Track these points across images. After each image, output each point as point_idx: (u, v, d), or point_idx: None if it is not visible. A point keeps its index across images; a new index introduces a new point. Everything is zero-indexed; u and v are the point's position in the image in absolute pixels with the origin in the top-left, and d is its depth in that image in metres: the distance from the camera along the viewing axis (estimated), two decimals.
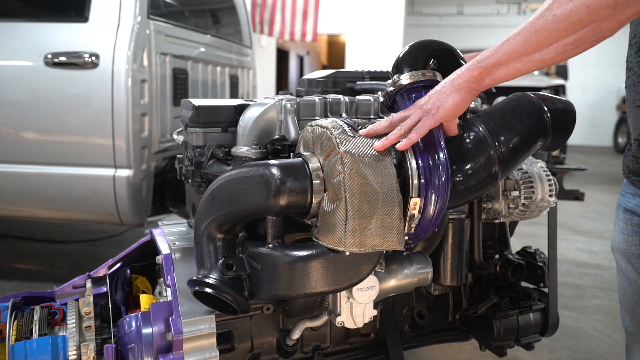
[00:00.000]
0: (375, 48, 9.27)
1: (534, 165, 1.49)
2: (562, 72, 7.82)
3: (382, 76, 1.45)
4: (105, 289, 1.37)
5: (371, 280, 1.24)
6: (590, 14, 0.76)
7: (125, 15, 2.33)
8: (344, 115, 1.29)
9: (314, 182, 1.00)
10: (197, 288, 1.05)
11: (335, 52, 15.30)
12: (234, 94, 3.52)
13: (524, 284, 1.68)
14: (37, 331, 1.17)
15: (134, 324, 1.18)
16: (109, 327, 1.22)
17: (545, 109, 1.19)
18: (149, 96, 2.43)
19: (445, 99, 0.94)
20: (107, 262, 1.40)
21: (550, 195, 1.46)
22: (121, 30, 2.31)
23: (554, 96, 1.25)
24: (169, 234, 1.36)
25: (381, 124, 1.00)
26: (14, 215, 2.65)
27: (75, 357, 1.14)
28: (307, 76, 1.47)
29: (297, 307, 1.28)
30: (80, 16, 2.36)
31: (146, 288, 1.43)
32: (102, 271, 1.39)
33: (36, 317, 1.20)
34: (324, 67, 14.98)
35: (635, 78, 1.01)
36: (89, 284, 1.31)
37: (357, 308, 1.26)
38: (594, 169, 7.66)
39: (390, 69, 1.14)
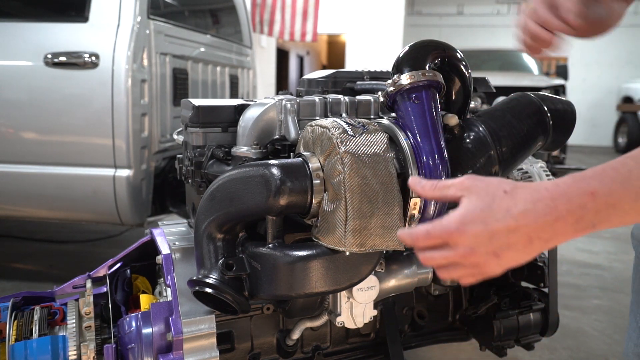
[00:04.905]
0: (375, 48, 9.27)
1: (534, 165, 1.49)
2: (562, 72, 7.81)
3: (382, 76, 1.45)
4: (105, 289, 1.37)
5: (371, 280, 1.24)
6: None
7: (125, 15, 2.33)
8: (344, 115, 1.29)
9: (314, 182, 1.00)
10: (197, 288, 1.05)
11: (335, 52, 15.30)
12: (234, 94, 3.52)
13: (524, 284, 1.68)
14: (37, 331, 1.17)
15: (134, 324, 1.18)
16: (109, 327, 1.22)
17: (546, 109, 1.19)
18: (149, 96, 2.43)
19: (510, 253, 0.57)
20: (107, 262, 1.40)
21: None
22: (121, 30, 2.31)
23: (554, 96, 1.25)
24: (169, 234, 1.36)
25: (420, 232, 0.62)
26: (14, 215, 2.65)
27: (75, 357, 1.14)
28: (307, 76, 1.47)
29: (297, 307, 1.28)
30: (80, 16, 2.35)
31: (146, 288, 1.43)
32: (102, 271, 1.39)
33: (36, 317, 1.20)
34: (324, 67, 14.99)
35: None
36: (89, 284, 1.31)
37: (357, 308, 1.26)
38: None
39: (390, 69, 1.14)
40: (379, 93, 1.12)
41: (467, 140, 1.11)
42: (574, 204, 0.54)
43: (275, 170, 0.99)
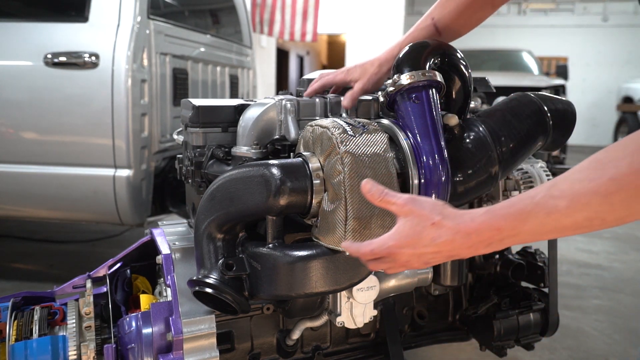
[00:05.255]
0: (375, 48, 9.26)
1: (534, 165, 1.49)
2: (562, 72, 7.81)
3: None
4: (105, 289, 1.37)
5: (371, 280, 1.24)
6: None
7: (125, 15, 2.33)
8: (344, 115, 1.29)
9: (314, 182, 1.00)
10: (197, 288, 1.04)
11: (335, 52, 15.29)
12: (234, 94, 3.52)
13: (524, 284, 1.68)
14: (37, 331, 1.17)
15: (134, 324, 1.18)
16: (109, 327, 1.22)
17: (546, 109, 1.19)
18: (149, 96, 2.43)
19: (429, 261, 0.77)
20: (107, 262, 1.40)
21: None
22: (121, 30, 2.31)
23: (554, 96, 1.25)
24: (169, 234, 1.36)
25: (366, 250, 0.80)
26: (14, 215, 2.65)
27: (75, 357, 1.14)
28: (307, 76, 1.47)
29: (297, 307, 1.28)
30: (80, 16, 2.36)
31: (146, 288, 1.43)
32: (102, 271, 1.39)
33: (36, 317, 1.20)
34: (324, 67, 14.98)
35: None
36: (89, 284, 1.31)
37: (357, 308, 1.26)
38: None
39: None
40: (379, 93, 1.12)
41: (467, 140, 1.11)
42: (484, 236, 0.70)
43: (275, 170, 0.99)
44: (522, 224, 0.67)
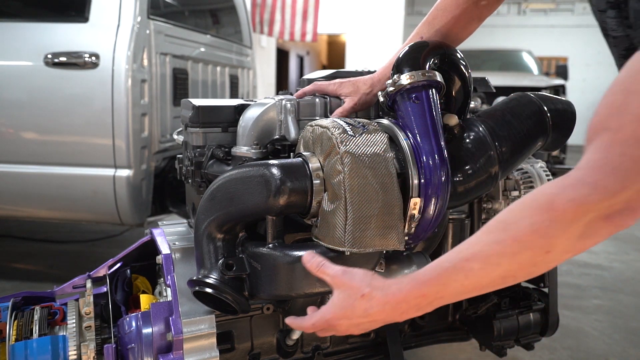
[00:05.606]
0: (375, 48, 9.28)
1: (534, 165, 1.49)
2: (562, 72, 7.80)
3: None
4: (105, 289, 1.37)
5: None
6: None
7: (125, 15, 2.33)
8: None
9: (314, 182, 1.00)
10: (197, 288, 1.05)
11: (335, 52, 15.30)
12: (234, 94, 3.52)
13: (524, 284, 1.68)
14: (37, 331, 1.17)
15: (134, 324, 1.18)
16: (109, 327, 1.22)
17: (546, 109, 1.19)
18: (149, 96, 2.43)
19: (365, 326, 0.81)
20: (107, 262, 1.40)
21: None
22: (121, 30, 2.31)
23: (554, 96, 1.25)
24: (169, 234, 1.36)
25: (308, 324, 0.88)
26: (14, 215, 2.65)
27: (75, 357, 1.14)
28: (307, 76, 1.47)
29: (297, 307, 1.28)
30: (80, 16, 2.36)
31: (146, 288, 1.43)
32: (102, 271, 1.39)
33: (36, 317, 1.20)
34: (324, 67, 14.99)
35: None
36: (89, 284, 1.31)
37: None
38: None
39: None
40: (379, 93, 1.12)
41: (467, 140, 1.11)
42: (412, 303, 0.76)
43: (275, 170, 0.99)
44: (444, 288, 0.72)
